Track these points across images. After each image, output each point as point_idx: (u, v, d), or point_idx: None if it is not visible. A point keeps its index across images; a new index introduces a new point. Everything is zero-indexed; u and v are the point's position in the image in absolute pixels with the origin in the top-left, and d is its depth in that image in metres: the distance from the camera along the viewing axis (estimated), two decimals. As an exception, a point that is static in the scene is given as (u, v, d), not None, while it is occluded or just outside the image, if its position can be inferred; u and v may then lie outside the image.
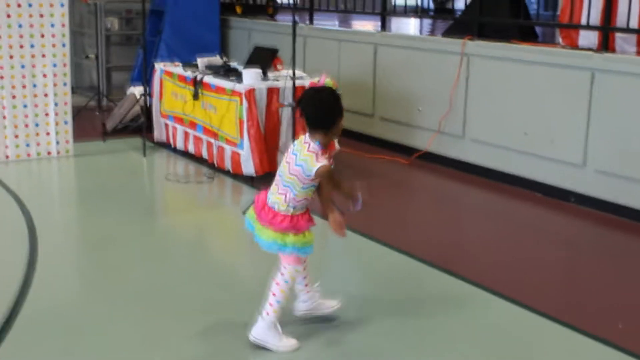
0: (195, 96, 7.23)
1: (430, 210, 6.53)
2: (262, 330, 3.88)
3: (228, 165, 6.94)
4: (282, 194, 3.82)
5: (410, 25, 10.62)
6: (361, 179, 7.08)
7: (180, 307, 4.40)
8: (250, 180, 6.75)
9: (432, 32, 9.50)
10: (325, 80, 3.85)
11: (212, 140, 7.08)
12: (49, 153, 7.61)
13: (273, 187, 3.89)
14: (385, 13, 8.48)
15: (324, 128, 3.77)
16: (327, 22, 10.00)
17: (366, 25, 9.69)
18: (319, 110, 3.77)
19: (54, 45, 7.44)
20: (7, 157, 7.42)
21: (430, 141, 7.57)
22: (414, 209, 6.53)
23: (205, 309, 4.36)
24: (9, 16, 7.19)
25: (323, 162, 3.75)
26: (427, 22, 10.97)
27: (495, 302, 4.53)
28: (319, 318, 4.18)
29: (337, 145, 6.37)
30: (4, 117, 7.35)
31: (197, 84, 7.22)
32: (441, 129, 7.45)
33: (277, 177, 3.89)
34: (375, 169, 7.47)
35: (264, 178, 6.57)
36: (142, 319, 4.25)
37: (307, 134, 3.83)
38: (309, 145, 3.78)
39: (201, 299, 4.49)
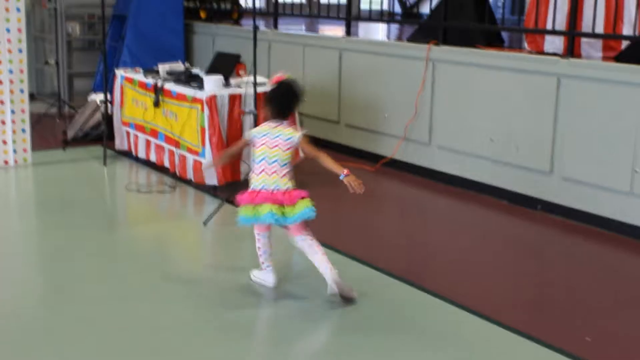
0: (156, 103, 7.07)
1: (396, 219, 6.42)
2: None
3: (190, 174, 6.79)
4: (285, 175, 4.47)
5: (379, 31, 10.54)
6: (327, 187, 6.97)
7: (139, 321, 4.25)
8: (212, 190, 6.61)
9: (400, 38, 9.42)
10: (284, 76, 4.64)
11: (174, 149, 6.93)
12: (6, 162, 7.41)
13: (269, 177, 4.43)
14: (350, 18, 8.37)
15: (286, 113, 4.60)
16: (294, 27, 9.88)
17: (335, 30, 9.57)
18: (288, 101, 4.62)
19: (9, 51, 7.25)
20: (-38, 166, 7.23)
21: (396, 148, 7.47)
22: (379, 218, 6.41)
23: (166, 323, 4.22)
24: (-38, 22, 7.02)
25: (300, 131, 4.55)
26: (396, 27, 10.90)
27: (459, 314, 4.43)
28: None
29: (301, 154, 6.42)
30: (-41, 126, 7.16)
31: (157, 90, 7.07)
32: (407, 136, 7.35)
33: (270, 167, 4.44)
34: (340, 176, 7.34)
35: (226, 188, 6.44)
36: (98, 335, 4.10)
37: (271, 121, 4.54)
38: (282, 123, 4.53)
39: (162, 312, 4.36)
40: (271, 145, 4.48)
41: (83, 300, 4.54)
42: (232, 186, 6.34)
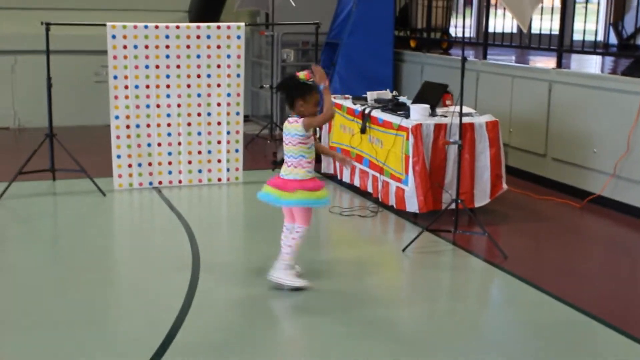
0: (363, 130, 7.23)
1: (602, 260, 6.18)
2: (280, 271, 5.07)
3: (392, 200, 6.88)
4: (297, 166, 4.97)
5: (592, 62, 10.22)
6: (530, 222, 6.85)
7: (337, 346, 4.36)
8: (413, 217, 6.66)
9: (614, 70, 9.10)
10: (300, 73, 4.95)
11: (378, 175, 7.06)
12: (219, 180, 7.84)
13: (285, 169, 5.03)
14: (561, 49, 8.19)
15: (290, 105, 5.00)
16: (503, 58, 9.79)
17: (547, 61, 9.39)
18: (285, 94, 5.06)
19: (229, 76, 7.68)
20: (180, 182, 7.70)
21: (605, 185, 7.21)
22: (583, 257, 6.19)
23: (360, 350, 4.29)
24: (188, 47, 7.50)
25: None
26: (610, 59, 10.53)
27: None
28: None
29: (504, 185, 6.41)
30: (179, 144, 7.64)
31: (365, 117, 7.23)
32: (617, 173, 7.07)
33: (286, 160, 5.02)
34: (544, 211, 7.19)
35: (427, 215, 6.46)
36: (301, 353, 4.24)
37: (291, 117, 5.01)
38: (291, 120, 4.98)
39: (355, 338, 4.43)
40: (285, 143, 5.03)
41: (283, 316, 4.71)
42: (433, 214, 6.36)
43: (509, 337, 4.55)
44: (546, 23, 8.49)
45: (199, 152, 7.72)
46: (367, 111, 7.23)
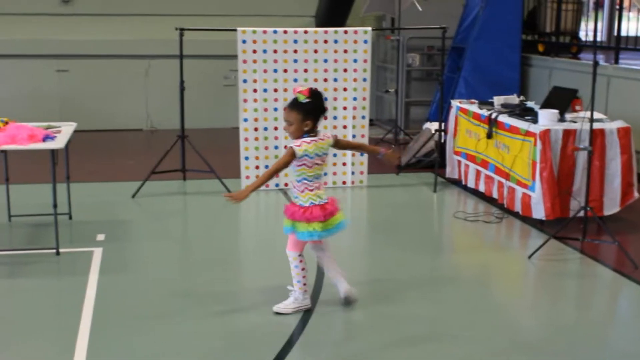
0: (489, 135, 7.17)
1: None
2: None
3: (518, 206, 6.79)
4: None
5: None
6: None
7: (459, 350, 4.34)
8: (539, 224, 6.55)
9: None
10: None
11: (503, 181, 6.98)
12: (343, 183, 7.92)
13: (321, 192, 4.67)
14: (700, 54, 7.89)
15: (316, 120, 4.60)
16: (636, 62, 9.49)
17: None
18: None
19: (355, 80, 7.75)
20: (305, 184, 7.82)
21: None
22: None
23: (484, 355, 4.27)
24: (316, 52, 7.62)
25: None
26: None
27: None
28: None
29: (635, 194, 6.15)
30: (306, 147, 7.76)
31: (491, 122, 7.16)
32: None
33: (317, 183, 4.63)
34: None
35: (554, 222, 6.35)
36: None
37: (310, 135, 4.55)
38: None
39: (478, 343, 4.41)
40: (311, 164, 4.56)
41: (403, 321, 4.72)
42: (560, 221, 6.24)
43: (637, 350, 4.42)
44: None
45: (325, 155, 7.82)
46: (493, 116, 7.16)
